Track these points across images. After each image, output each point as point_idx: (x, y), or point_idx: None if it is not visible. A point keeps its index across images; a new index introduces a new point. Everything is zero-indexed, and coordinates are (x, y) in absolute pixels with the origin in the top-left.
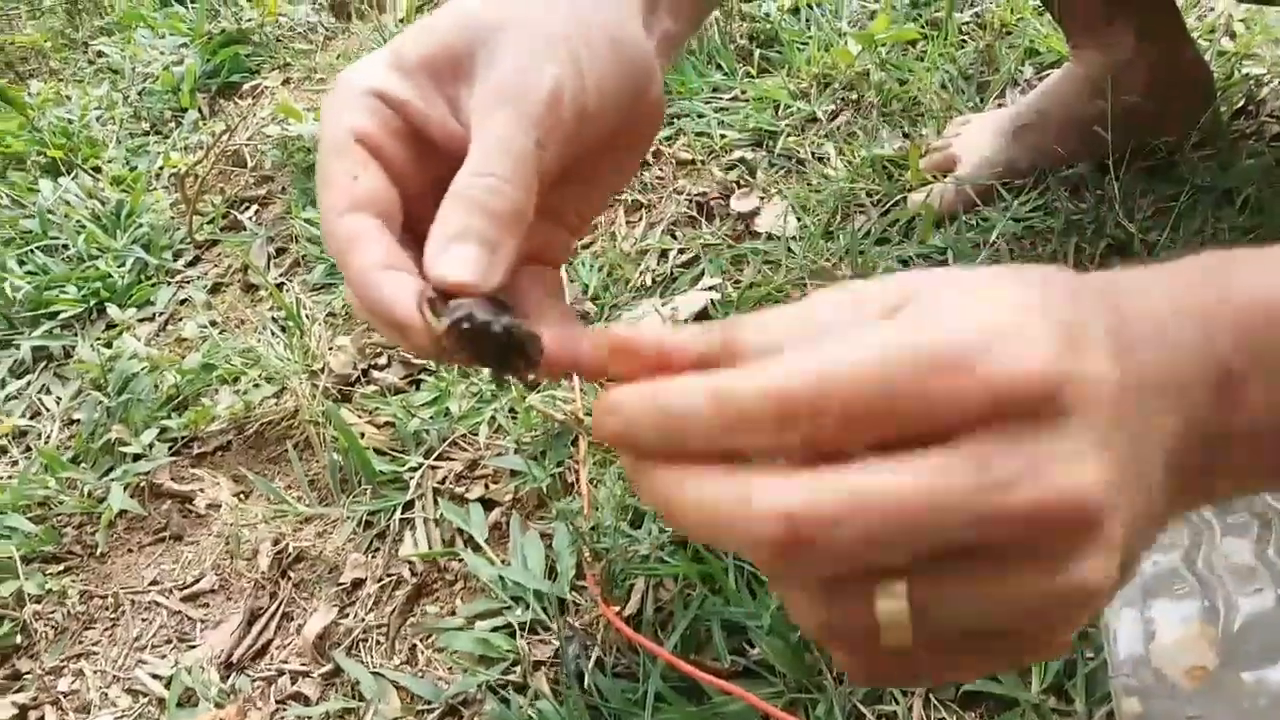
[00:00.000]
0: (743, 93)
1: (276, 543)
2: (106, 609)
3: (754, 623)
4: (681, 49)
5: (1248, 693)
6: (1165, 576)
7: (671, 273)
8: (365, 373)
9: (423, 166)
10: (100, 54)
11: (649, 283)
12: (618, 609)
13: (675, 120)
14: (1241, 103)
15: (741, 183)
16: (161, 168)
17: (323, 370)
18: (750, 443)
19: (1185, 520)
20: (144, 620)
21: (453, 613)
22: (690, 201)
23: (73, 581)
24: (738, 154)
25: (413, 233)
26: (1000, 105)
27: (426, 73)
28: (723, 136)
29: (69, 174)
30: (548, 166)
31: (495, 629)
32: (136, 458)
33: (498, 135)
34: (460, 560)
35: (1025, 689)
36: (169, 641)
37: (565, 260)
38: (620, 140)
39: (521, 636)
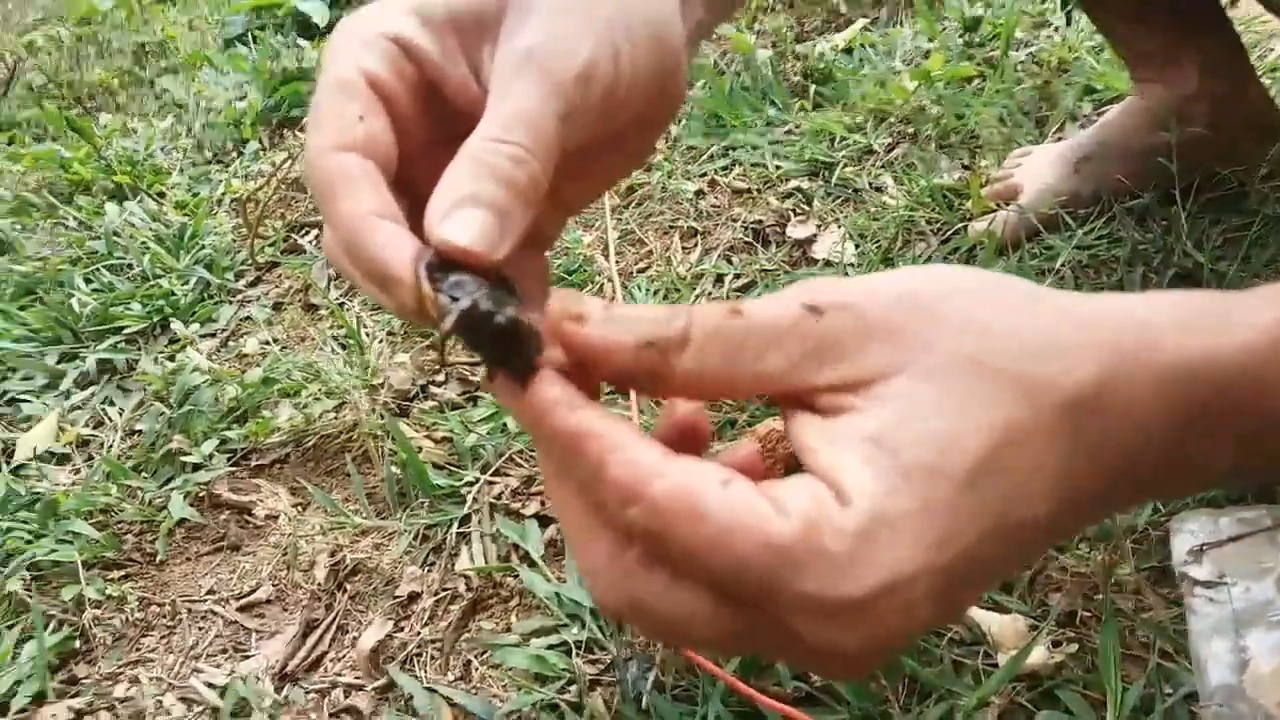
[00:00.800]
0: (797, 126)
1: (333, 554)
2: (164, 616)
3: None
4: (703, 41)
5: None
6: (1259, 605)
7: (728, 297)
8: (424, 388)
9: (429, 125)
10: (165, 90)
11: None
12: None
13: (730, 151)
14: None
15: (798, 211)
16: (223, 194)
17: (382, 385)
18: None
19: (1276, 546)
20: (200, 629)
21: (508, 629)
22: (746, 229)
23: (132, 588)
24: (794, 184)
25: (404, 193)
26: (1059, 139)
27: (452, 27)
28: (778, 167)
29: (134, 199)
30: (565, 145)
31: (551, 646)
32: (196, 468)
33: (522, 103)
34: (516, 576)
35: None
36: (224, 651)
37: (552, 244)
38: (636, 127)
39: (578, 655)
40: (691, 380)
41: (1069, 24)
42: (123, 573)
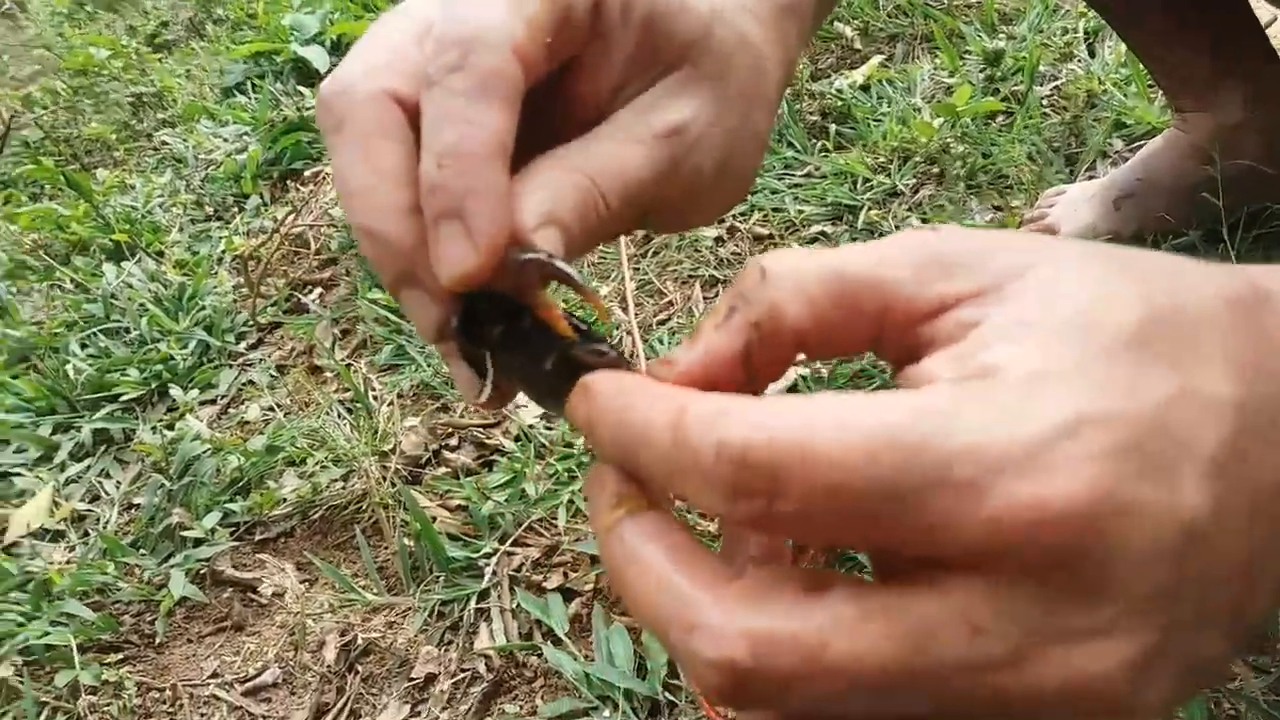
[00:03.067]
0: (817, 169)
1: (344, 634)
2: (163, 702)
3: None
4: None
5: None
6: None
7: None
8: (437, 454)
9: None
10: (164, 143)
11: None
12: (724, 711)
13: (749, 196)
14: None
15: None
16: (224, 252)
17: (393, 451)
18: (698, 502)
19: None
20: (202, 715)
21: (533, 713)
22: None
23: (130, 672)
24: (817, 228)
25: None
26: (1091, 177)
27: (644, 33)
28: (800, 211)
29: (132, 258)
30: (636, 208)
31: None
32: (198, 543)
33: (639, 177)
34: (540, 655)
35: None
36: None
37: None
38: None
39: None
40: (801, 311)
41: (1093, 56)
42: (120, 656)
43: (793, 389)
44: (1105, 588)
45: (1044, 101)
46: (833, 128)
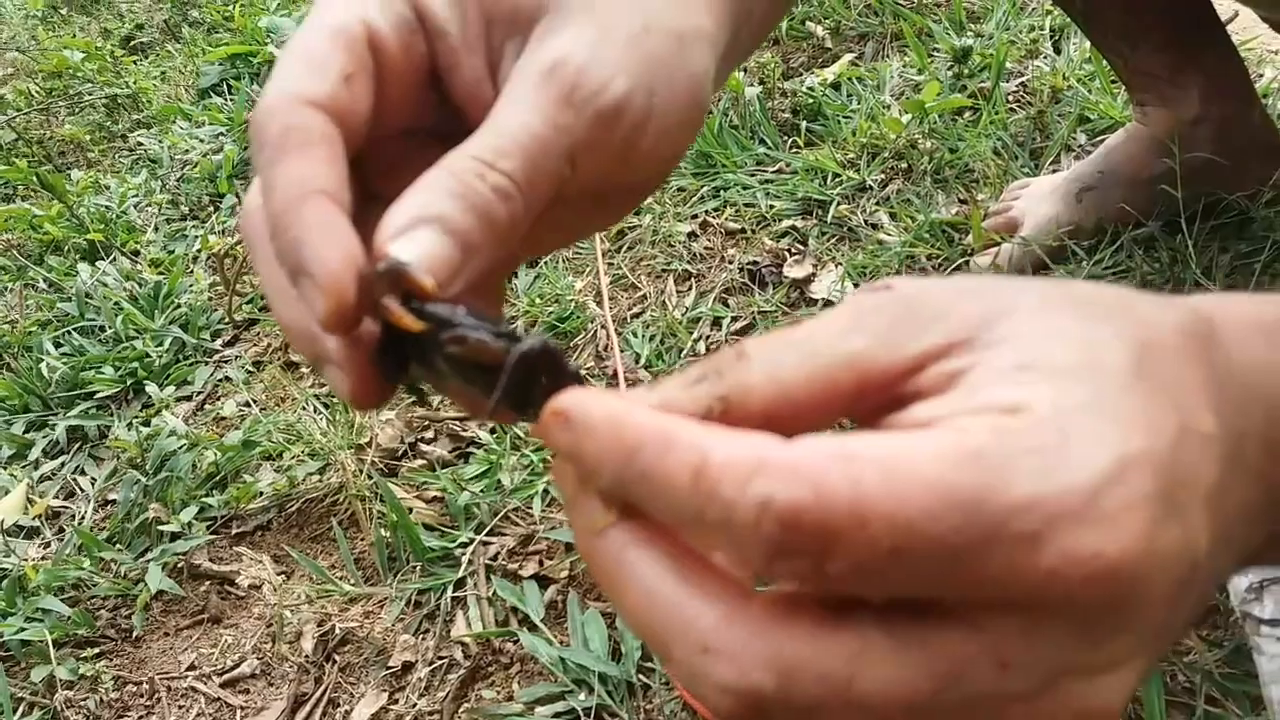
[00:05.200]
0: (788, 165)
1: (321, 624)
2: (141, 696)
3: None
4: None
5: None
6: None
7: (726, 339)
8: (413, 446)
9: (413, 111)
10: (139, 144)
11: (703, 350)
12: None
13: (721, 192)
14: None
15: (793, 250)
16: (200, 251)
17: (369, 444)
18: (728, 555)
19: None
20: (181, 708)
21: (510, 698)
22: (742, 270)
23: (107, 666)
24: (787, 223)
25: (353, 180)
26: (1055, 170)
27: (479, 9)
28: (771, 207)
29: (107, 258)
30: (564, 189)
31: (557, 715)
32: (174, 537)
33: (529, 126)
34: (516, 641)
35: None
36: None
37: (500, 295)
38: (643, 182)
39: None
40: (770, 389)
41: (1059, 53)
42: (97, 651)
43: None
44: (1129, 625)
45: (1010, 97)
46: (804, 125)
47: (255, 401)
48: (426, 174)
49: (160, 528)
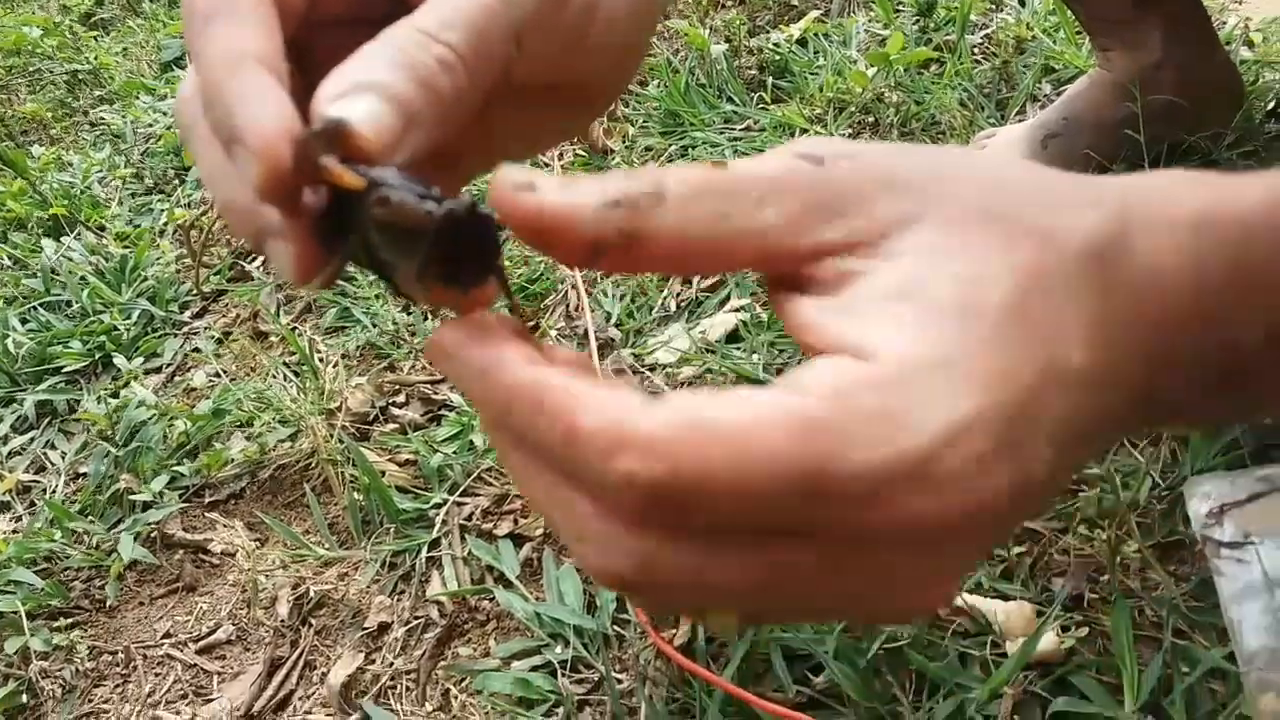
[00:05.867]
0: (755, 122)
1: (295, 588)
2: (117, 665)
3: (819, 648)
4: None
5: None
6: None
7: (697, 296)
8: (384, 410)
9: None
10: (102, 120)
11: (674, 307)
12: (667, 638)
13: (689, 151)
14: (1272, 104)
15: None
16: (166, 224)
17: (339, 409)
18: (594, 499)
19: None
20: (157, 675)
21: (487, 654)
22: None
23: (81, 636)
24: None
25: (297, 72)
26: (1021, 120)
27: None
28: None
29: (72, 233)
30: (512, 76)
31: (534, 669)
32: (146, 506)
33: (476, 2)
34: (492, 599)
35: (1119, 707)
36: (185, 696)
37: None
38: (597, 81)
39: (563, 675)
40: (675, 241)
41: (1024, 5)
42: (70, 621)
43: (733, 335)
44: (952, 549)
45: (975, 49)
46: (770, 81)
47: (225, 372)
48: (366, 45)
49: (132, 498)
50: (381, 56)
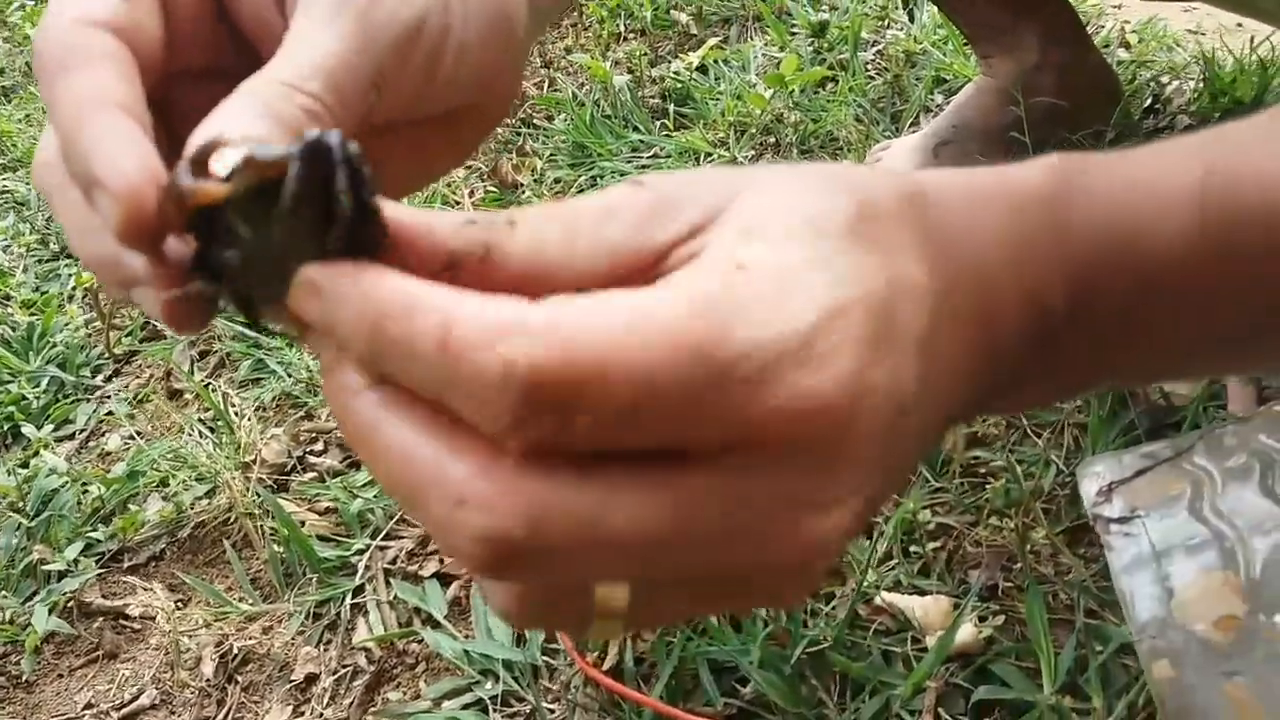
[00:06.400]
0: (661, 149)
1: (219, 646)
2: None
3: (744, 659)
4: (541, 33)
5: None
6: (1175, 531)
7: None
8: (301, 460)
9: (204, 49)
10: (4, 189)
11: None
12: (594, 662)
13: (598, 180)
14: (1149, 101)
15: None
16: (74, 288)
17: (254, 462)
18: (477, 420)
19: (1181, 473)
20: None
21: (417, 696)
22: None
23: None
24: None
25: (159, 125)
26: (915, 131)
27: None
28: None
29: None
30: (374, 116)
31: (465, 707)
32: (61, 576)
33: (330, 52)
34: (420, 641)
35: (1038, 691)
36: None
37: None
38: (466, 113)
39: (495, 710)
40: (529, 256)
41: (913, 20)
42: None
43: None
44: (846, 458)
45: (868, 65)
46: (673, 109)
47: (140, 434)
48: (228, 99)
49: (46, 568)
50: (247, 108)
